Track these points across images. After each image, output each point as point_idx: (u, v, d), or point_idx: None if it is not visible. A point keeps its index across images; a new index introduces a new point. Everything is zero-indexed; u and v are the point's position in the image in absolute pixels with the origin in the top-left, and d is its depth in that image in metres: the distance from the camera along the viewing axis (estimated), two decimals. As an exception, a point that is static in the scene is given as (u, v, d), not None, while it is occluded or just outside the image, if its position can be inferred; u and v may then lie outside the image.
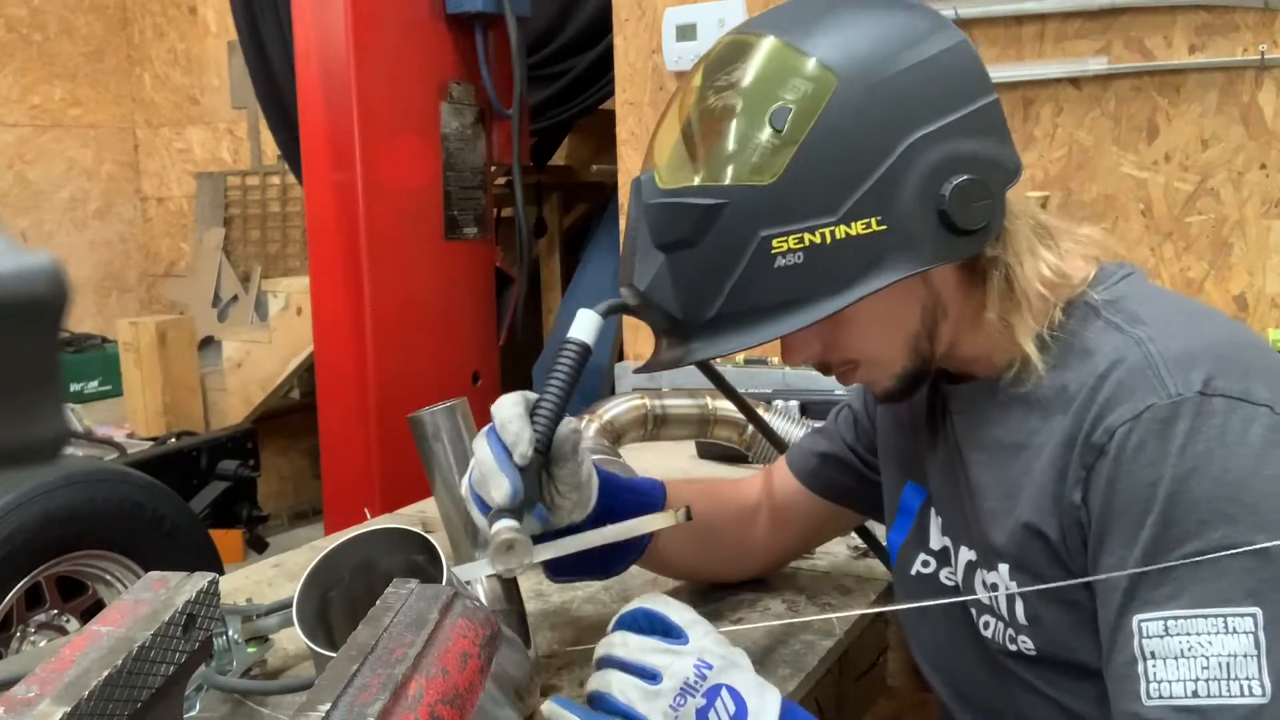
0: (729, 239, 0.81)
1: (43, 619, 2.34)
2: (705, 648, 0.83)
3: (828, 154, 0.80)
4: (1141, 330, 0.83)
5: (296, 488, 4.64)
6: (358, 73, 2.78)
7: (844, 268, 0.80)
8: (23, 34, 5.20)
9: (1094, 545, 0.81)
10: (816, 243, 0.80)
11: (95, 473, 2.39)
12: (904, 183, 0.80)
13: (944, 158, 0.81)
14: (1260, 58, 1.74)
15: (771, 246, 0.80)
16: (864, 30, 0.83)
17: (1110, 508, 0.79)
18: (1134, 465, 0.77)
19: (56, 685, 0.50)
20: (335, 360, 2.97)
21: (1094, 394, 0.81)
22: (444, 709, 0.52)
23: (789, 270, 0.80)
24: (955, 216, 0.80)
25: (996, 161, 0.83)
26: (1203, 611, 0.74)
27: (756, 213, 0.80)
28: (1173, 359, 0.79)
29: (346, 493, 2.96)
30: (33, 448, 0.38)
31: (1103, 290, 0.88)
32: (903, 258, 0.81)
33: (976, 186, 0.81)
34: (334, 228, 2.88)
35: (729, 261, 0.82)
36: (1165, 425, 0.77)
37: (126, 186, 5.69)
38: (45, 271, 0.35)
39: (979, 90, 0.84)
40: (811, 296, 0.81)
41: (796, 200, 0.80)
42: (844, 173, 0.80)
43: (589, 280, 3.51)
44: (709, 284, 0.83)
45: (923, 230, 0.81)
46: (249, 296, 4.87)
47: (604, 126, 2.84)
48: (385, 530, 0.94)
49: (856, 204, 0.79)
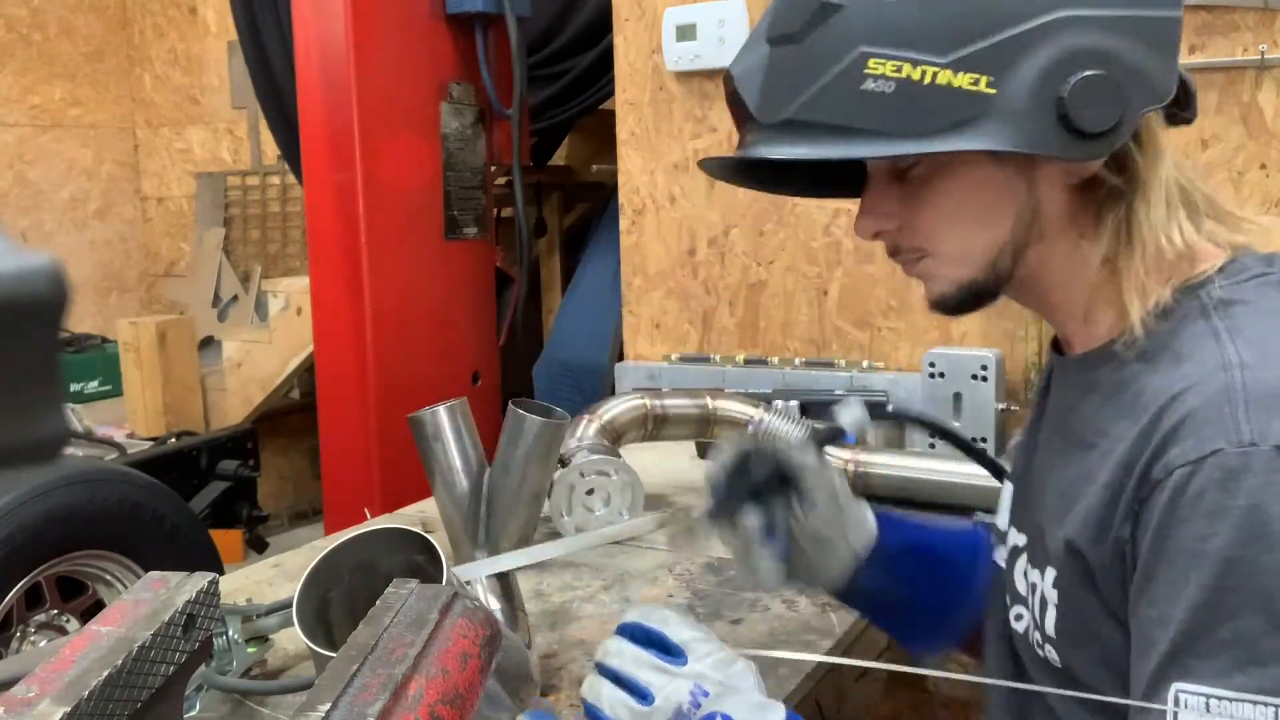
0: (830, 43, 0.75)
1: (43, 619, 2.34)
2: (702, 672, 0.79)
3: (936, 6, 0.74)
4: (1238, 350, 0.72)
5: (296, 488, 4.64)
6: (358, 73, 2.77)
7: (933, 115, 0.73)
8: (23, 34, 5.20)
9: (1135, 590, 0.72)
10: (914, 79, 0.73)
11: (95, 473, 2.39)
12: (1033, 54, 0.73)
13: (1087, 48, 0.73)
14: (1260, 58, 1.74)
15: (866, 66, 0.74)
16: None
17: (1159, 555, 0.70)
18: (1190, 514, 0.68)
19: (56, 685, 0.50)
20: (335, 360, 2.97)
21: (1160, 417, 0.72)
22: (444, 709, 0.52)
23: (874, 97, 0.74)
24: (1071, 110, 0.72)
25: (1144, 73, 0.74)
26: (1254, 697, 0.65)
27: (866, 26, 0.74)
28: (1259, 396, 0.68)
29: (346, 493, 2.96)
30: (33, 448, 0.38)
31: (1225, 285, 0.77)
32: (1002, 130, 0.73)
33: (1108, 88, 0.72)
34: (334, 228, 2.88)
35: (820, 67, 0.76)
36: (1230, 477, 0.67)
37: (126, 186, 5.69)
38: (45, 271, 0.35)
39: (1165, 1, 0.76)
40: (889, 132, 0.74)
41: (909, 27, 0.74)
42: (973, 17, 0.73)
43: (589, 280, 3.51)
44: (793, 83, 0.77)
45: (1034, 111, 0.73)
46: (249, 296, 4.87)
47: (604, 126, 2.84)
48: (385, 530, 0.94)
49: (972, 55, 0.73)
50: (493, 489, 1.17)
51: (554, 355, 3.42)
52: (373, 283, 2.87)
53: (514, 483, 1.16)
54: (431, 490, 1.19)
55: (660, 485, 1.78)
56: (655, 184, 2.36)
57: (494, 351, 3.29)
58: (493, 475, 1.17)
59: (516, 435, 1.15)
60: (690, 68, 2.24)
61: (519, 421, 1.15)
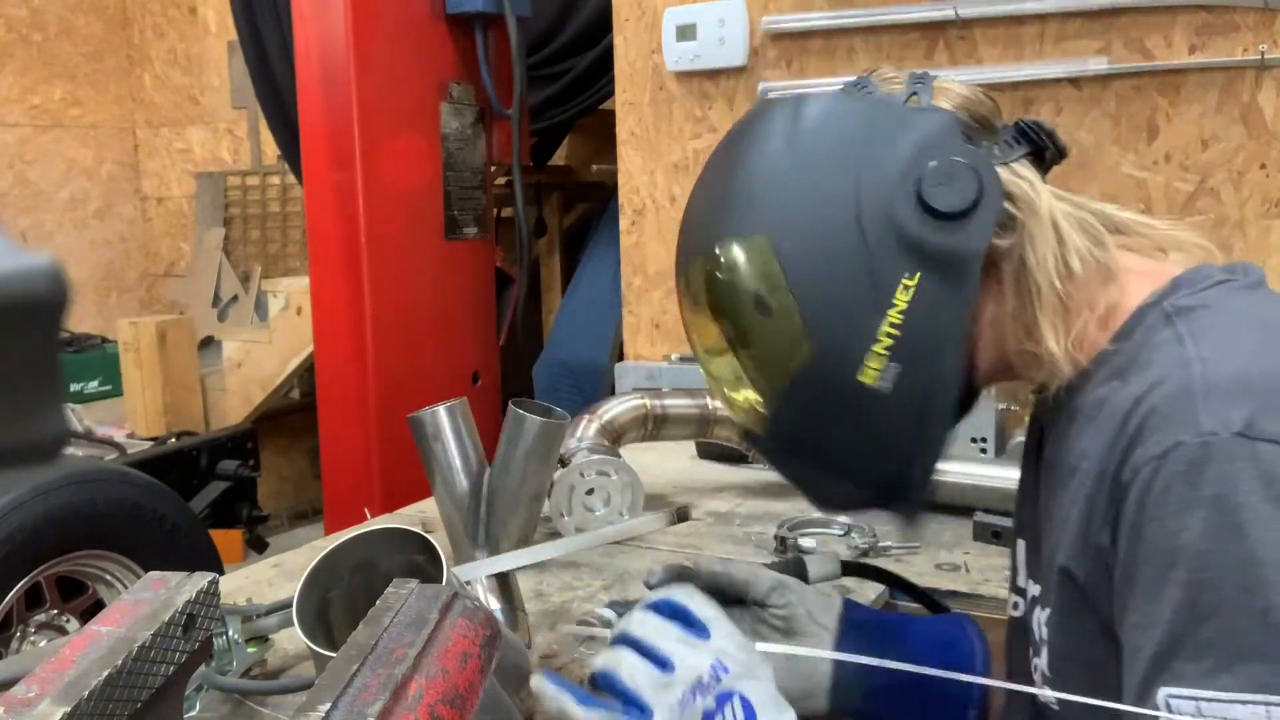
0: (822, 410, 0.81)
1: (43, 619, 2.34)
2: (725, 649, 0.79)
3: (817, 280, 0.79)
4: (1198, 347, 0.72)
5: (296, 488, 4.64)
6: (358, 73, 2.77)
7: (936, 330, 0.78)
8: (23, 34, 5.20)
9: (1118, 600, 0.71)
10: (899, 337, 0.77)
11: (95, 473, 2.39)
12: (887, 226, 0.77)
13: (902, 171, 0.78)
14: (1260, 58, 1.74)
15: (860, 385, 0.78)
16: (775, 168, 0.82)
17: (1135, 556, 0.69)
18: (1160, 511, 0.67)
19: (56, 685, 0.50)
20: (335, 360, 2.97)
21: (1127, 420, 0.72)
22: (444, 709, 0.52)
23: (894, 382, 0.78)
24: (934, 200, 0.76)
25: (969, 152, 0.78)
26: (1243, 696, 0.63)
27: (821, 380, 0.79)
28: (1218, 388, 0.68)
29: (346, 493, 2.96)
30: (33, 448, 0.38)
31: (1186, 295, 0.77)
32: (950, 280, 0.77)
33: (947, 169, 0.77)
34: (334, 228, 2.87)
35: (848, 426, 0.80)
36: (1194, 469, 0.66)
37: (126, 186, 5.69)
38: (45, 271, 0.35)
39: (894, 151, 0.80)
40: (925, 383, 0.79)
41: (843, 329, 0.78)
42: (850, 279, 0.78)
43: (589, 280, 3.51)
44: (862, 456, 0.82)
45: (926, 238, 0.77)
46: (249, 296, 4.87)
47: (604, 126, 2.84)
48: (385, 530, 0.94)
49: (884, 284, 0.77)
50: (493, 489, 1.16)
51: (554, 355, 3.42)
52: (373, 283, 2.87)
53: (514, 483, 1.16)
54: (431, 490, 1.19)
55: (660, 485, 1.78)
56: (655, 184, 2.36)
57: (494, 351, 3.29)
58: (493, 475, 1.17)
59: (516, 435, 1.15)
60: (690, 68, 2.24)
61: (519, 421, 1.15)
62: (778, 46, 2.16)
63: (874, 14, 2.04)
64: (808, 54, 2.14)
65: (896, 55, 2.04)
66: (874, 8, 2.04)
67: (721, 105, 2.25)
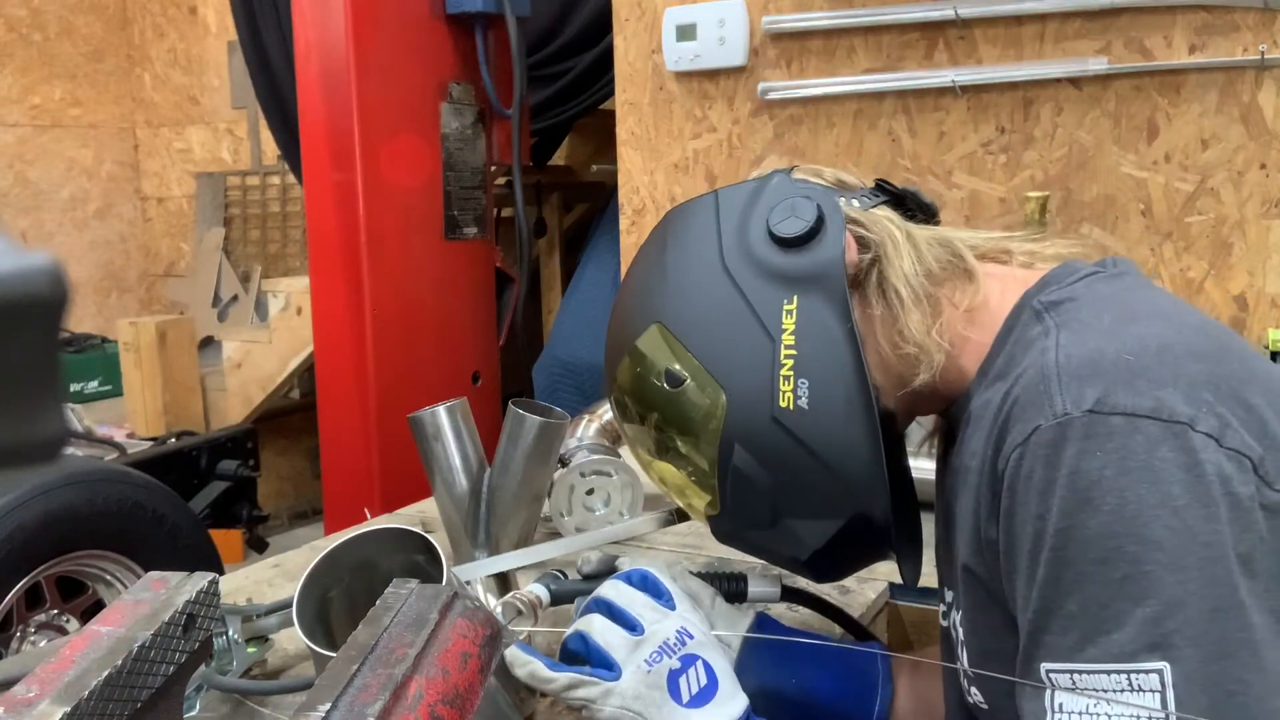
0: (758, 449, 0.84)
1: (43, 619, 2.34)
2: (689, 619, 0.85)
3: (711, 336, 0.85)
4: (1058, 336, 0.74)
5: (296, 488, 4.64)
6: (358, 73, 2.77)
7: (828, 338, 0.82)
8: (23, 34, 5.20)
9: (1006, 587, 0.73)
10: (797, 355, 0.82)
11: (95, 473, 2.39)
12: (754, 270, 0.85)
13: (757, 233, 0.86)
14: (1260, 58, 1.74)
15: (782, 411, 0.82)
16: (650, 272, 0.91)
17: (1011, 544, 0.71)
18: (1026, 496, 0.69)
19: (56, 685, 0.50)
20: (335, 360, 2.97)
21: (999, 413, 0.74)
22: (444, 709, 0.52)
23: (809, 396, 0.82)
24: (783, 230, 0.84)
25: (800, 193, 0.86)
26: (1106, 666, 0.65)
27: (746, 422, 0.84)
28: (1071, 371, 0.70)
29: (346, 493, 2.96)
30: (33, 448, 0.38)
31: (1054, 290, 0.80)
32: (823, 294, 0.83)
33: (789, 205, 0.85)
34: (334, 228, 2.87)
35: (789, 454, 0.83)
36: (1052, 450, 0.68)
37: (126, 186, 5.69)
38: (45, 271, 0.35)
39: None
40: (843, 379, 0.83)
41: (749, 366, 0.83)
42: (738, 322, 0.84)
43: (589, 280, 3.51)
44: (816, 481, 0.84)
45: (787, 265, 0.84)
46: (249, 296, 4.87)
47: (604, 126, 2.84)
48: (385, 530, 0.94)
49: (768, 315, 0.83)
50: (493, 489, 1.16)
51: (554, 355, 3.42)
52: (373, 283, 2.87)
53: (514, 483, 1.16)
54: (431, 490, 1.19)
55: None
56: (655, 184, 2.36)
57: (494, 351, 3.29)
58: (493, 475, 1.17)
59: (516, 435, 1.16)
60: (690, 68, 2.24)
61: (519, 421, 1.15)
62: (778, 46, 2.16)
63: (874, 14, 2.04)
64: (808, 54, 2.14)
65: (896, 55, 2.05)
66: (874, 8, 2.04)
67: (721, 105, 2.25)
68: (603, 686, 0.80)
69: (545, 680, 0.82)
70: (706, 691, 0.81)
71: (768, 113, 2.19)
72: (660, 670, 0.81)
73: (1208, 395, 0.67)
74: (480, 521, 1.16)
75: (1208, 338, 0.73)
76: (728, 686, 0.82)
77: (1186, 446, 0.65)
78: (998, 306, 0.83)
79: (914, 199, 0.93)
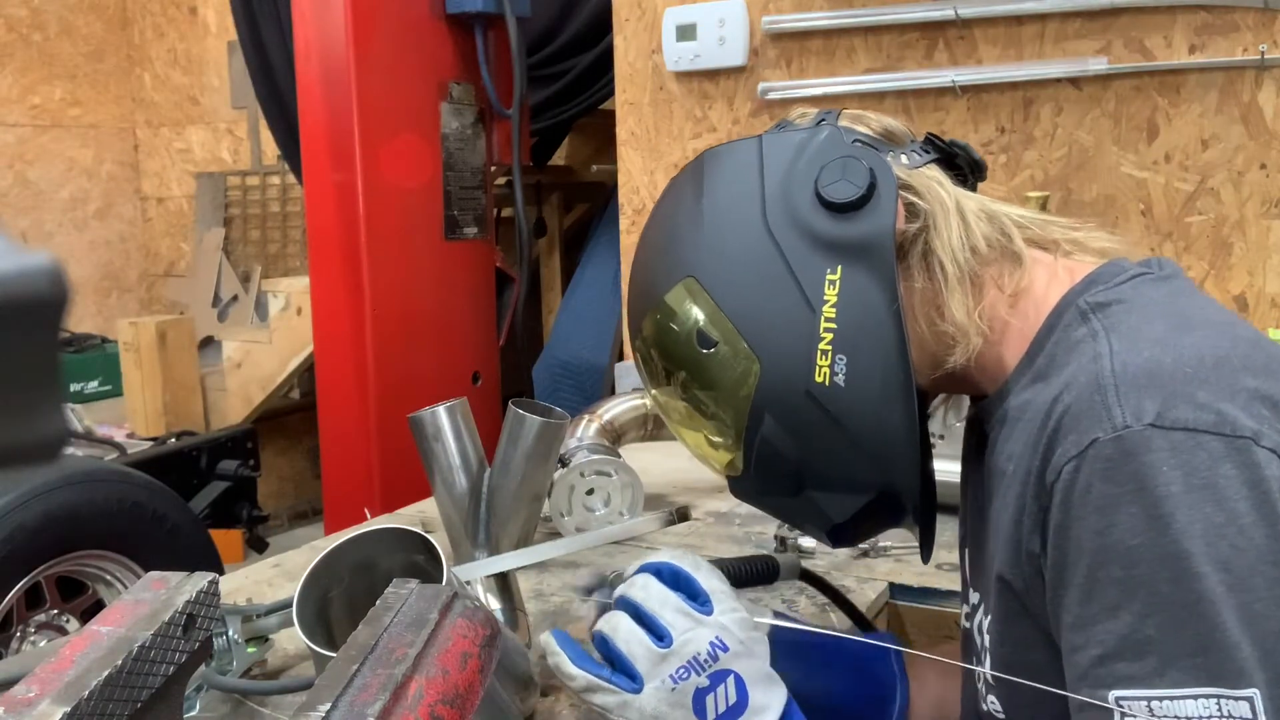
0: (790, 422, 0.81)
1: (43, 619, 2.34)
2: (726, 626, 0.79)
3: (748, 300, 0.81)
4: (1110, 341, 0.72)
5: (296, 488, 4.64)
6: (358, 73, 2.77)
7: (871, 314, 0.79)
8: (23, 34, 5.20)
9: (1051, 603, 0.70)
10: (837, 329, 0.79)
11: (95, 473, 2.39)
12: (798, 233, 0.81)
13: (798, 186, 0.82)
14: (1260, 58, 1.74)
15: (817, 386, 0.79)
16: (684, 218, 0.86)
17: (1064, 559, 0.68)
18: (1083, 511, 0.66)
19: (56, 685, 0.50)
20: (335, 360, 2.97)
21: (1046, 421, 0.71)
22: (444, 709, 0.52)
23: (846, 373, 0.79)
24: (833, 195, 0.80)
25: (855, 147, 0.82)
26: (1193, 691, 0.62)
27: (779, 393, 0.80)
28: (1129, 380, 0.67)
29: (346, 493, 2.96)
30: (33, 448, 0.38)
31: (1101, 290, 0.77)
32: (869, 266, 0.79)
33: (839, 167, 0.80)
34: (334, 228, 2.87)
35: (819, 431, 0.81)
36: (1112, 465, 0.65)
37: (126, 186, 5.69)
38: (45, 271, 0.35)
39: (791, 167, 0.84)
40: (877, 362, 0.79)
41: (785, 337, 0.80)
42: (778, 289, 0.80)
43: (589, 280, 3.51)
44: (843, 458, 0.82)
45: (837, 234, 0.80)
46: (249, 296, 4.87)
47: (604, 126, 2.84)
48: (385, 530, 0.94)
49: (810, 284, 0.80)
50: (493, 489, 1.16)
51: (554, 355, 3.42)
52: (373, 283, 2.87)
53: (514, 483, 1.16)
54: (431, 490, 1.19)
55: (660, 485, 1.78)
56: (655, 184, 2.36)
57: (494, 351, 3.29)
58: (493, 475, 1.17)
59: (516, 435, 1.15)
60: (690, 68, 2.24)
61: (519, 421, 1.15)
62: (778, 46, 2.16)
63: (874, 14, 2.04)
64: (808, 54, 2.14)
65: (896, 55, 2.05)
66: (874, 8, 2.04)
67: (721, 105, 2.25)
68: (621, 697, 0.77)
69: (568, 676, 0.79)
70: (735, 710, 0.77)
71: (768, 113, 2.19)
72: (685, 689, 0.76)
73: (1265, 410, 0.65)
74: (480, 521, 1.16)
75: (1261, 351, 0.71)
76: (759, 698, 0.77)
77: (1250, 462, 0.63)
78: (1042, 297, 0.80)
79: (965, 155, 0.89)
